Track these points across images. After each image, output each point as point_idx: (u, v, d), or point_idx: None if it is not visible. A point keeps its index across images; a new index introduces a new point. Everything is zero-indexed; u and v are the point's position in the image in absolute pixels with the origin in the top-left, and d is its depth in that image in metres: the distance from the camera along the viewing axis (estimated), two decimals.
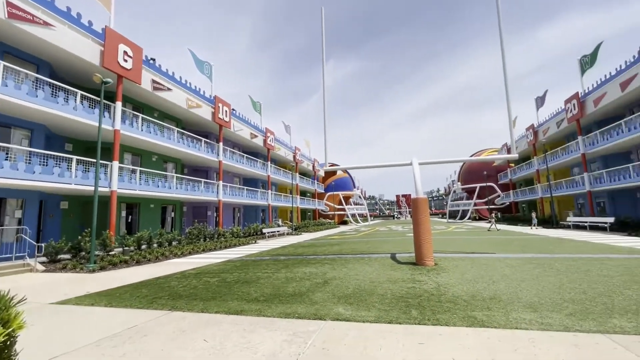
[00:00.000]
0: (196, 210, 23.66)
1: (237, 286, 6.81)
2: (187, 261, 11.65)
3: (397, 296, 5.51)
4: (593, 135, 23.06)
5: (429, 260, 8.33)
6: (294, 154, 38.11)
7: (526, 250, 11.04)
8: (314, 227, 34.10)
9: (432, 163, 10.95)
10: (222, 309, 5.13)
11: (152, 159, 18.69)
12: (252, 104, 30.52)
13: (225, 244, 17.24)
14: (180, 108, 19.31)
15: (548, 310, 4.45)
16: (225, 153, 23.57)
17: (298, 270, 8.46)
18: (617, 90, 19.63)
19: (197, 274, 8.67)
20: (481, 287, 5.85)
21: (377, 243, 16.06)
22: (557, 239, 14.80)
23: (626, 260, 8.23)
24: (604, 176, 21.77)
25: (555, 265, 7.81)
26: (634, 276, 6.28)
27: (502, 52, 11.15)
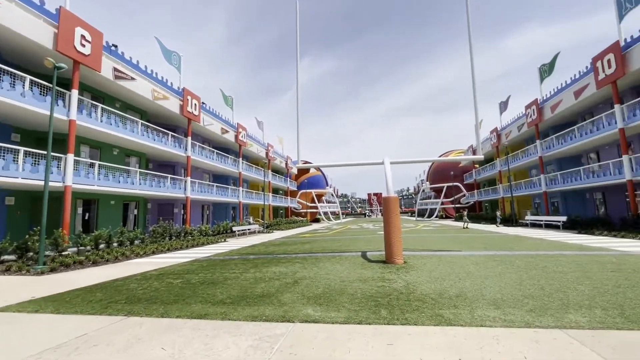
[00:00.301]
0: (162, 208, 22.56)
1: (202, 288, 6.49)
2: (150, 261, 11.03)
3: (367, 295, 5.48)
4: (549, 139, 24.65)
5: (399, 258, 8.44)
6: (266, 150, 37.50)
7: (489, 247, 11.54)
8: (286, 225, 33.81)
9: (403, 162, 11.12)
10: (184, 313, 4.83)
11: (113, 152, 17.53)
12: (224, 98, 29.59)
13: (193, 243, 16.57)
14: (145, 99, 18.26)
15: (510, 306, 4.59)
16: (194, 148, 22.66)
17: (268, 270, 8.24)
18: (571, 98, 21.09)
19: (159, 275, 8.20)
20: (448, 285, 5.97)
21: (349, 241, 16.14)
22: (516, 237, 15.64)
23: (577, 257, 8.81)
24: (558, 178, 23.36)
25: (516, 262, 8.19)
26: (585, 272, 6.70)
27: (470, 59, 11.53)
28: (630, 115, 16.54)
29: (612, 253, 9.32)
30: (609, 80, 17.13)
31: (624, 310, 4.26)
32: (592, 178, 19.60)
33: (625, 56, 16.19)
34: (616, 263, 7.64)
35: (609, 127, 17.98)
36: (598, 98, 19.96)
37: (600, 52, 17.68)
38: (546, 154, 25.03)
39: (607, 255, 8.98)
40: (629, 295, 4.94)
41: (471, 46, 11.50)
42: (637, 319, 3.95)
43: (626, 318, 3.98)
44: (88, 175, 14.12)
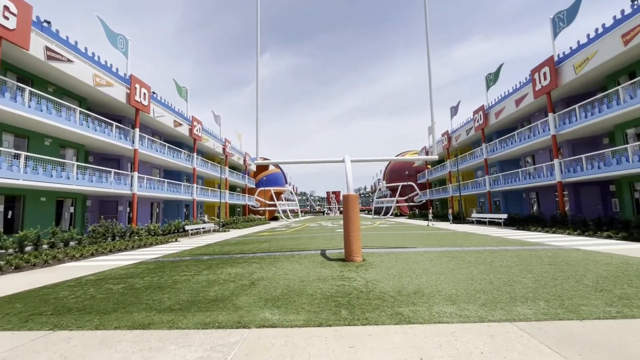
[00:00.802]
0: (104, 205, 20.56)
1: (147, 293, 5.89)
2: (88, 265, 9.91)
3: (327, 295, 5.34)
4: (493, 143, 26.72)
5: (358, 256, 8.45)
6: (223, 146, 36.02)
7: (442, 244, 12.10)
8: (243, 224, 32.81)
9: (363, 161, 11.22)
10: (124, 324, 4.29)
11: (44, 142, 15.53)
12: (177, 88, 27.81)
13: (140, 244, 15.31)
14: (85, 85, 16.44)
15: (464, 302, 4.74)
16: (143, 141, 20.96)
17: (222, 272, 7.78)
18: (513, 105, 23.02)
19: (97, 280, 7.34)
20: (406, 282, 6.05)
21: (308, 239, 16.01)
22: (464, 234, 16.66)
23: (519, 251, 9.54)
24: (500, 179, 25.42)
25: (466, 257, 8.63)
26: (527, 266, 7.23)
27: (428, 66, 11.95)
28: (560, 124, 18.43)
29: (547, 247, 10.24)
30: (544, 91, 18.94)
31: (563, 301, 4.59)
32: (529, 179, 21.60)
33: (558, 70, 18.00)
34: (551, 257, 8.37)
35: (543, 134, 19.89)
36: (535, 107, 22.01)
37: (537, 65, 19.47)
38: (490, 157, 27.11)
39: (542, 249, 9.84)
40: (565, 287, 5.38)
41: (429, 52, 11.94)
42: (574, 308, 4.27)
43: (565, 309, 4.28)
44: (11, 168, 12.32)
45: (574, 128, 17.34)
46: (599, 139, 18.66)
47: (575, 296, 4.82)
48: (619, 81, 16.20)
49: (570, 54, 17.20)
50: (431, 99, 11.80)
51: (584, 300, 4.62)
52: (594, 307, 4.29)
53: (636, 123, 15.18)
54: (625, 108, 14.12)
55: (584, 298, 4.71)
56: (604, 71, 16.15)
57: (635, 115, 14.57)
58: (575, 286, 5.37)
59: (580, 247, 10.13)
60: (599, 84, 17.81)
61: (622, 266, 6.90)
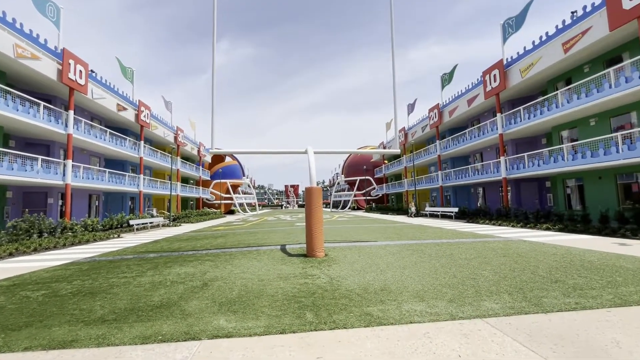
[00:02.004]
0: (30, 197, 17.93)
1: (74, 301, 4.97)
2: (3, 267, 8.38)
3: (289, 296, 4.90)
4: (446, 140, 28.07)
5: (320, 251, 8.12)
6: (175, 134, 33.58)
7: (401, 237, 12.25)
8: (196, 218, 31.02)
9: (326, 152, 10.88)
10: (38, 342, 3.46)
11: None
12: (122, 69, 25.11)
13: (73, 241, 13.55)
14: (4, 56, 13.97)
15: (432, 298, 4.59)
16: (79, 125, 18.58)
17: (170, 272, 6.95)
18: (465, 105, 24.26)
19: (11, 286, 6.13)
20: (371, 278, 5.82)
21: (266, 234, 15.39)
22: (420, 226, 17.20)
23: (474, 244, 9.90)
24: (452, 174, 26.83)
25: (427, 250, 8.72)
26: (484, 258, 7.43)
27: (392, 65, 11.87)
28: (507, 124, 19.76)
29: (497, 239, 10.80)
30: (494, 92, 20.14)
31: (525, 294, 4.64)
32: (477, 175, 23.00)
33: (507, 72, 19.21)
34: (503, 248, 8.77)
35: (491, 132, 21.21)
36: (485, 107, 23.40)
37: (488, 68, 20.62)
38: (443, 153, 28.46)
39: (494, 241, 10.34)
40: (523, 278, 5.51)
41: (393, 48, 11.89)
42: (536, 301, 4.31)
43: (529, 301, 4.31)
44: None
45: (518, 128, 18.67)
46: (538, 139, 20.35)
47: (535, 288, 4.92)
48: (557, 86, 17.71)
49: (518, 59, 18.41)
50: (395, 93, 11.77)
51: (543, 292, 4.72)
52: (554, 299, 4.37)
53: (570, 125, 16.71)
54: (562, 111, 15.43)
55: (542, 290, 4.82)
56: (546, 76, 17.53)
57: (570, 118, 16.00)
58: (532, 278, 5.53)
59: (525, 238, 10.83)
60: (541, 88, 19.35)
61: (567, 256, 7.38)
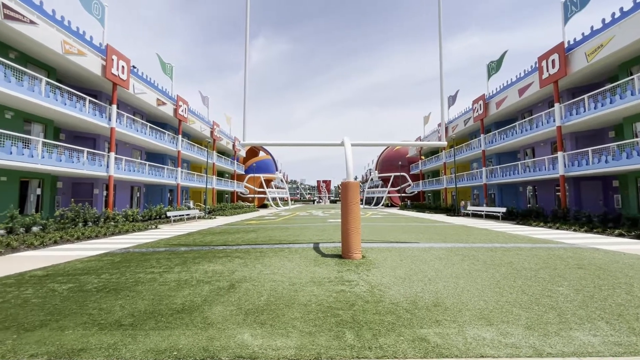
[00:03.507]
0: (78, 188, 18.95)
1: (96, 298, 4.67)
2: (44, 255, 8.58)
3: (324, 306, 4.23)
4: (492, 134, 25.87)
5: (357, 253, 7.37)
6: (211, 129, 34.28)
7: (445, 239, 11.14)
8: (230, 211, 31.50)
9: (364, 145, 10.05)
10: (46, 348, 3.10)
11: (4, 115, 13.80)
12: (162, 65, 25.85)
13: (114, 230, 13.96)
14: (53, 53, 14.63)
15: (503, 321, 3.68)
16: (121, 119, 19.26)
17: (198, 269, 6.58)
18: (515, 95, 22.05)
19: (44, 276, 6.07)
20: (419, 289, 4.99)
21: (298, 230, 14.90)
22: (464, 227, 15.80)
23: (534, 250, 8.61)
24: (498, 171, 24.68)
25: (479, 256, 7.64)
26: (553, 269, 6.25)
27: (439, 51, 10.86)
28: (567, 115, 17.56)
29: (562, 246, 9.35)
30: (552, 79, 17.96)
31: (630, 324, 3.58)
32: (527, 172, 20.86)
33: (568, 57, 17.00)
34: (574, 258, 7.45)
35: (547, 125, 19.03)
36: (539, 97, 21.08)
37: (545, 52, 18.43)
38: (488, 148, 26.30)
39: (558, 248, 8.94)
40: (618, 300, 4.39)
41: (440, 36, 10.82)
42: None
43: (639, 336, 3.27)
44: None
45: (581, 119, 16.48)
46: (604, 132, 17.90)
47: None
48: (631, 71, 15.32)
49: (583, 40, 16.16)
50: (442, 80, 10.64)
51: None
52: None
53: None
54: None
55: None
56: (619, 59, 15.19)
57: None
58: (630, 300, 4.39)
59: (597, 246, 9.28)
60: (610, 74, 16.92)
61: None
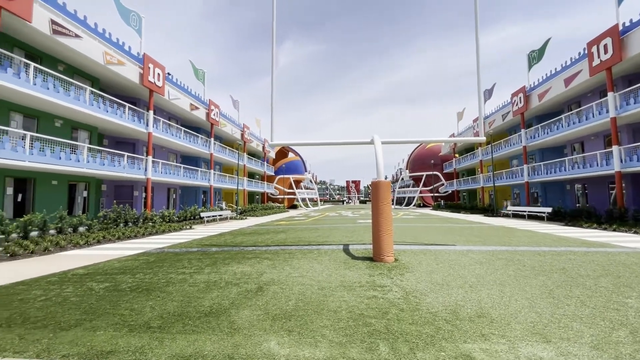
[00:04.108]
0: (120, 190, 20.11)
1: (129, 298, 4.74)
2: (88, 254, 9.05)
3: (355, 314, 3.96)
4: (534, 129, 24.09)
5: (389, 256, 7.00)
6: (242, 132, 35.08)
7: (484, 241, 10.40)
8: (261, 212, 32.00)
9: (394, 142, 9.64)
10: (77, 349, 3.11)
11: (54, 123, 14.90)
12: (194, 71, 26.82)
13: (151, 231, 14.56)
14: (96, 63, 15.59)
15: (562, 338, 3.21)
16: (157, 124, 20.16)
17: (227, 270, 6.56)
18: (561, 85, 20.33)
19: (85, 275, 6.33)
20: (460, 297, 4.56)
21: (328, 230, 14.69)
22: (504, 228, 14.76)
23: (590, 254, 7.74)
24: (541, 168, 22.92)
25: (525, 261, 6.97)
26: (617, 277, 5.52)
27: (476, 43, 10.16)
28: (622, 104, 15.87)
29: (624, 250, 8.34)
30: (604, 66, 16.31)
31: None
32: (578, 169, 19.13)
33: (623, 40, 15.34)
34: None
35: (598, 117, 17.34)
36: (588, 86, 19.29)
37: (596, 37, 16.78)
38: (530, 144, 24.53)
39: (620, 252, 7.98)
40: None
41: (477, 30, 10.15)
42: None
43: None
44: (16, 149, 11.66)
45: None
46: None
47: None
48: None
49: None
50: (478, 73, 9.96)
51: None
52: None
53: None
54: None
55: None
56: None
57: None
58: None
59: None
60: None
61: None
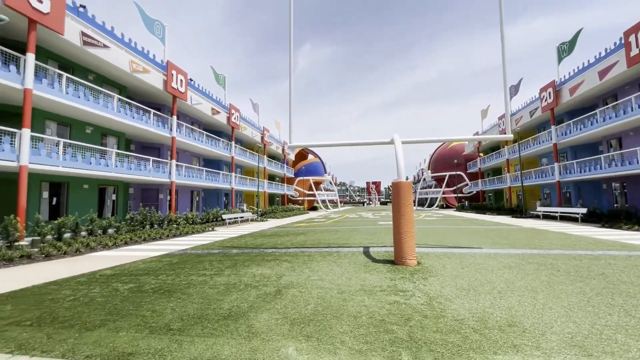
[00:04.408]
0: (146, 193, 20.85)
1: (151, 299, 4.82)
2: (115, 255, 9.38)
3: (376, 319, 3.82)
4: (565, 125, 22.83)
5: (411, 259, 6.77)
6: (262, 134, 35.53)
7: (513, 244, 9.89)
8: (281, 213, 32.21)
9: (415, 142, 9.36)
10: (100, 350, 3.16)
11: (85, 130, 15.64)
12: (215, 76, 27.45)
13: (175, 232, 14.94)
14: (123, 72, 16.24)
15: (605, 352, 2.93)
16: (181, 129, 20.75)
17: (246, 272, 6.57)
18: (595, 78, 19.15)
19: (111, 276, 6.53)
20: (488, 303, 4.30)
21: (348, 232, 14.52)
22: (534, 230, 14.03)
23: (632, 259, 7.17)
24: (574, 166, 21.66)
25: (559, 265, 6.54)
26: None
27: (501, 38, 9.73)
28: None
29: None
30: None
31: None
32: (616, 167, 17.90)
33: None
34: None
35: (637, 110, 16.17)
36: (625, 78, 18.04)
37: (635, 24, 15.68)
38: (561, 141, 23.24)
39: None
40: None
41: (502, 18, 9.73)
42: None
43: None
44: (50, 155, 12.31)
45: None
46: None
47: None
48: None
49: None
50: (504, 66, 9.52)
51: None
52: None
53: None
54: None
55: None
56: None
57: None
58: None
59: None
60: None
61: None
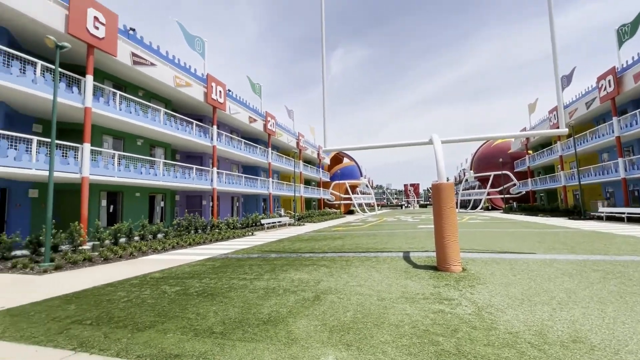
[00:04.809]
0: (190, 200, 22.04)
1: (196, 302, 5.00)
2: (164, 258, 9.95)
3: (420, 330, 3.61)
4: (630, 115, 20.47)
5: (456, 265, 6.39)
6: (297, 140, 36.11)
7: (572, 249, 8.98)
8: (318, 217, 32.35)
9: (456, 141, 8.86)
10: (149, 351, 3.32)
11: (136, 143, 16.94)
12: (251, 85, 28.46)
13: (218, 237, 15.56)
14: (168, 87, 17.42)
15: None
16: (221, 137, 21.72)
17: (285, 277, 6.61)
18: None
19: (160, 278, 6.91)
20: (546, 315, 3.90)
21: (386, 237, 14.16)
22: (597, 233, 12.66)
23: None
24: None
25: (631, 274, 5.79)
26: None
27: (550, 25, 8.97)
28: None
29: None
30: None
31: None
32: None
33: None
34: None
35: None
36: None
37: None
38: (625, 134, 20.87)
39: None
40: None
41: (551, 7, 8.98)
42: None
43: None
44: (107, 167, 13.46)
45: None
46: None
47: None
48: None
49: None
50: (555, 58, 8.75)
51: None
52: None
53: None
54: None
55: None
56: None
57: None
58: None
59: None
60: None
61: None
